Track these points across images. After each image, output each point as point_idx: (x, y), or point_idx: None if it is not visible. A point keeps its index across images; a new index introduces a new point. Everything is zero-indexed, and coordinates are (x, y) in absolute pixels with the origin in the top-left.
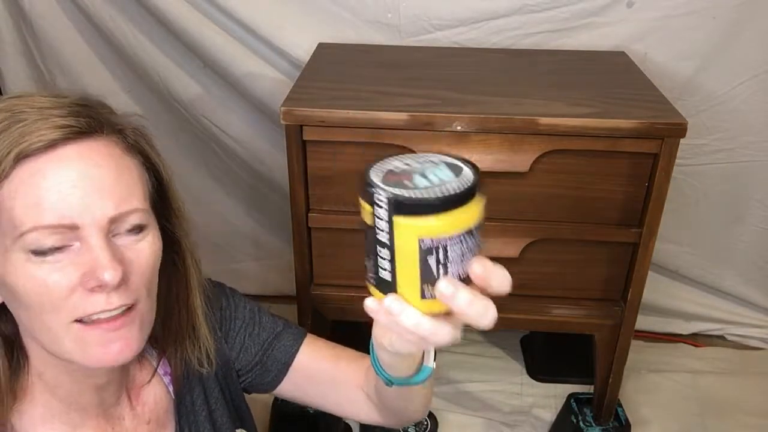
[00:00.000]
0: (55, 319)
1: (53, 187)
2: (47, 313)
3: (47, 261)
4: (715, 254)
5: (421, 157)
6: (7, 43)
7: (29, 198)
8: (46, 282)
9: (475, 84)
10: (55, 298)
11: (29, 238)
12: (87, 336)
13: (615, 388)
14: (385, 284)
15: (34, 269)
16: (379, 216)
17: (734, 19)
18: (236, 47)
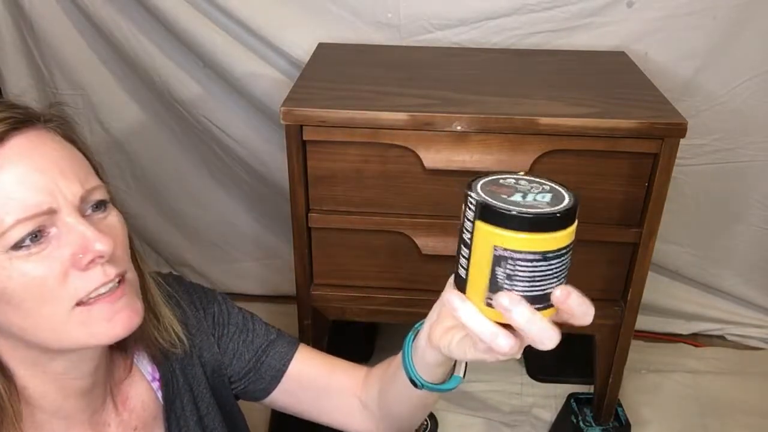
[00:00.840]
0: (55, 308)
1: (18, 178)
2: (46, 304)
3: (32, 253)
4: (715, 254)
5: (536, 180)
6: (7, 43)
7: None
8: (39, 273)
9: (475, 84)
10: (52, 287)
11: (13, 233)
12: (92, 315)
13: (615, 388)
14: (461, 281)
15: (22, 264)
16: (467, 217)
17: (734, 19)
18: (236, 47)
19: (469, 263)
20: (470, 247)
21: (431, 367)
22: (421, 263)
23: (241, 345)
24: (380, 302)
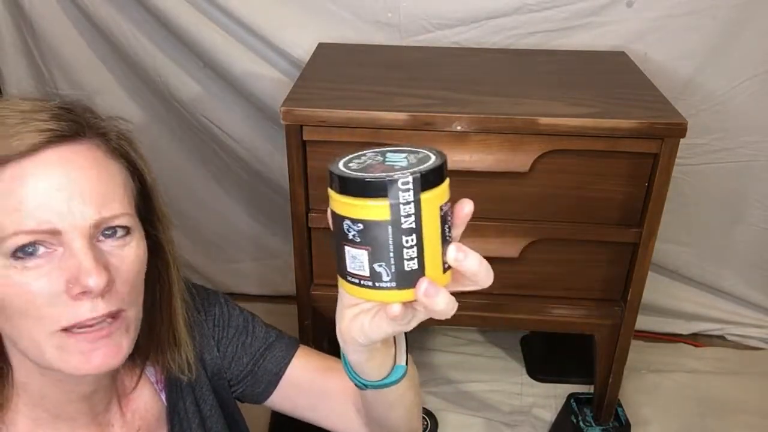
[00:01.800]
0: (38, 327)
1: (34, 191)
2: (31, 320)
3: (29, 267)
4: (715, 254)
5: (366, 153)
6: (7, 43)
7: (10, 203)
8: (30, 289)
9: (475, 84)
10: (38, 306)
11: (10, 243)
12: (69, 344)
13: (615, 388)
14: (410, 276)
15: (17, 276)
16: (404, 201)
17: (734, 19)
18: (236, 47)
19: (422, 246)
20: (418, 228)
21: (366, 364)
22: None
23: (240, 348)
24: None
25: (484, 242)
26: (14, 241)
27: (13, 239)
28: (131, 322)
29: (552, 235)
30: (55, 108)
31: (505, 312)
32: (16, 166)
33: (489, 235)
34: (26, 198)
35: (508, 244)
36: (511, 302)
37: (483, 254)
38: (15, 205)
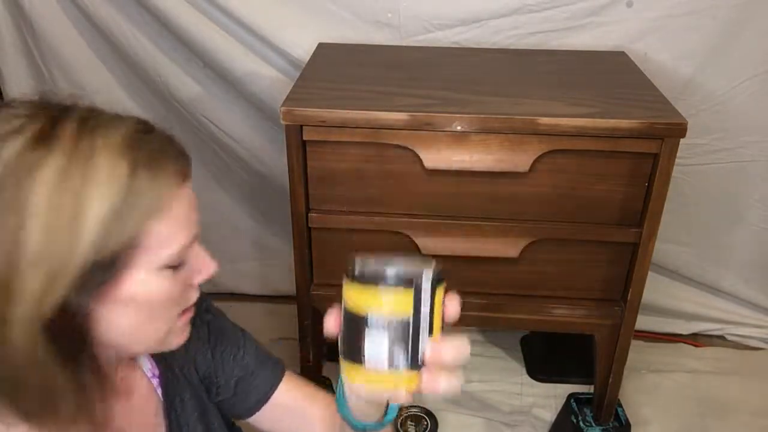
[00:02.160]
0: (170, 317)
1: (192, 207)
2: (167, 314)
3: (175, 271)
4: (715, 254)
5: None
6: (7, 43)
7: (181, 221)
8: (180, 286)
9: (475, 84)
10: (178, 299)
11: (175, 257)
12: (178, 325)
13: (615, 388)
14: (420, 360)
15: (164, 281)
16: (424, 291)
17: (734, 19)
18: (236, 47)
19: (432, 328)
20: (431, 317)
21: (368, 411)
22: None
23: (233, 361)
24: None
25: (484, 242)
26: (179, 256)
27: (178, 252)
28: None
29: (552, 235)
30: (170, 134)
31: (505, 312)
32: (180, 191)
33: (489, 235)
34: (188, 215)
35: (508, 244)
36: (511, 302)
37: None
38: (182, 223)
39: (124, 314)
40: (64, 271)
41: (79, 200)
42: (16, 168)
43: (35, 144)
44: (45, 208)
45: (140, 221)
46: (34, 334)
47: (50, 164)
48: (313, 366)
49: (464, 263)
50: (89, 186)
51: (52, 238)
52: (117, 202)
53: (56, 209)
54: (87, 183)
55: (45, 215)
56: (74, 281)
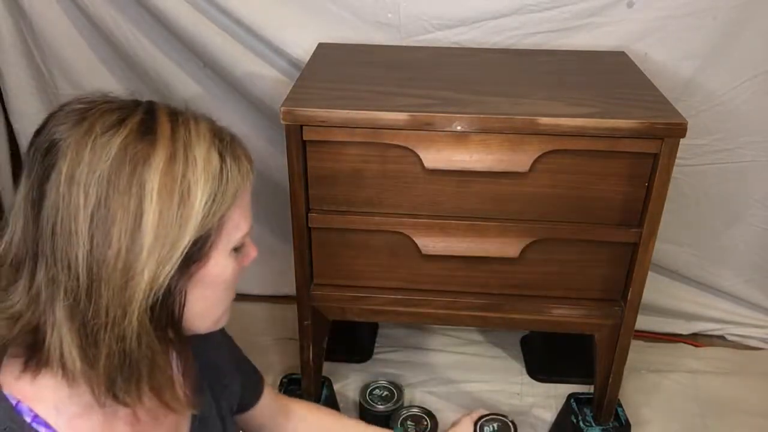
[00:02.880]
0: (229, 297)
1: (250, 198)
2: (231, 291)
3: (239, 253)
4: (715, 254)
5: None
6: (7, 43)
7: (246, 206)
8: (236, 269)
9: (475, 84)
10: (237, 279)
11: (240, 240)
12: (230, 304)
13: (615, 388)
14: None
15: (232, 262)
16: None
17: (734, 19)
18: (236, 47)
19: None
20: None
21: None
22: (421, 263)
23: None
24: (380, 302)
25: (484, 242)
26: (242, 239)
27: (243, 238)
28: None
29: (552, 235)
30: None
31: (505, 312)
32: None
33: (489, 235)
34: (249, 201)
35: (508, 244)
36: (511, 302)
37: (483, 254)
38: (247, 208)
39: (205, 294)
40: (173, 254)
41: (185, 187)
42: (128, 156)
43: (140, 135)
44: (158, 194)
45: (227, 206)
46: (144, 314)
47: (159, 153)
48: (313, 366)
49: (464, 263)
50: (192, 174)
51: (165, 222)
52: (214, 188)
53: (169, 195)
54: (189, 171)
55: (158, 201)
56: (179, 264)
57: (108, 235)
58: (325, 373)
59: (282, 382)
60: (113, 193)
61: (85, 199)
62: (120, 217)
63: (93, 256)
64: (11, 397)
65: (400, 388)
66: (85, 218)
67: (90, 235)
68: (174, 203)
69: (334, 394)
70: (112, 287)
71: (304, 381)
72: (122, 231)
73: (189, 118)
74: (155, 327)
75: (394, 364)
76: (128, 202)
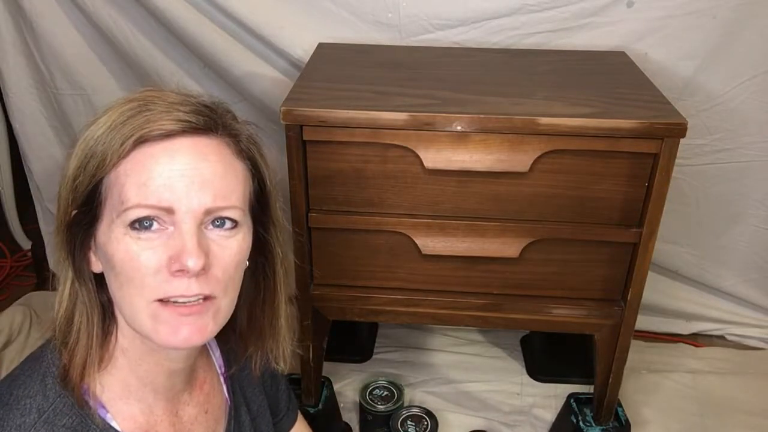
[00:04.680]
0: (138, 294)
1: (162, 172)
2: (134, 287)
3: (142, 239)
4: (715, 254)
5: None
6: (7, 43)
7: (140, 178)
8: (138, 257)
9: (475, 84)
10: (142, 275)
11: (131, 213)
12: (161, 315)
13: (615, 388)
14: None
15: (131, 243)
16: None
17: (734, 19)
18: (236, 47)
19: None
20: None
21: None
22: (421, 263)
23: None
24: (380, 302)
25: (484, 242)
26: (135, 212)
27: (135, 211)
28: (221, 310)
29: (552, 235)
30: (198, 103)
31: (505, 312)
32: (151, 147)
33: (489, 235)
34: (153, 176)
35: (508, 244)
36: (511, 302)
37: (483, 254)
38: (144, 180)
39: (108, 270)
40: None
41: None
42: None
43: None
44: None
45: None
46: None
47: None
48: (313, 366)
49: (464, 263)
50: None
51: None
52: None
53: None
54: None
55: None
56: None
57: None
58: (325, 373)
59: None
60: None
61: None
62: None
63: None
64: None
65: (400, 388)
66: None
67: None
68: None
69: (334, 394)
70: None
71: (304, 381)
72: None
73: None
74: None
75: (394, 364)
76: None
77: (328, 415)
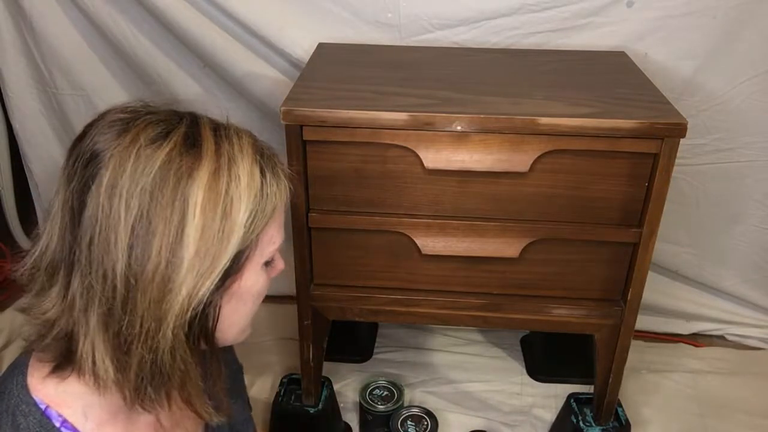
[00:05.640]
0: (258, 306)
1: (283, 218)
2: (258, 303)
3: (269, 266)
4: (715, 254)
5: None
6: (7, 43)
7: (280, 220)
8: (267, 282)
9: (475, 84)
10: (263, 294)
11: (273, 254)
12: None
13: (615, 388)
14: None
15: (266, 275)
16: None
17: (734, 19)
18: (236, 47)
19: None
20: None
21: None
22: (421, 263)
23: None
24: (380, 302)
25: (484, 242)
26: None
27: (276, 252)
28: None
29: (552, 235)
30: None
31: (505, 312)
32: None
33: (489, 235)
34: (280, 222)
35: (508, 244)
36: (511, 302)
37: (483, 254)
38: (281, 222)
39: (237, 307)
40: (213, 270)
41: (228, 202)
42: (172, 169)
43: (185, 148)
44: (201, 209)
45: (266, 222)
46: (179, 328)
47: (203, 167)
48: (313, 366)
49: (464, 263)
50: (235, 189)
51: (207, 237)
52: (255, 204)
53: (212, 210)
54: (232, 186)
55: (201, 216)
56: (218, 279)
57: (148, 248)
58: (325, 373)
59: (282, 382)
60: (155, 206)
61: (126, 211)
62: (161, 231)
63: (131, 269)
64: (40, 402)
65: (400, 388)
66: (126, 230)
67: (129, 247)
68: (217, 218)
69: (334, 394)
70: (148, 300)
71: (304, 381)
72: (163, 245)
73: (232, 133)
74: (189, 340)
75: (394, 364)
76: (171, 216)
77: (328, 415)
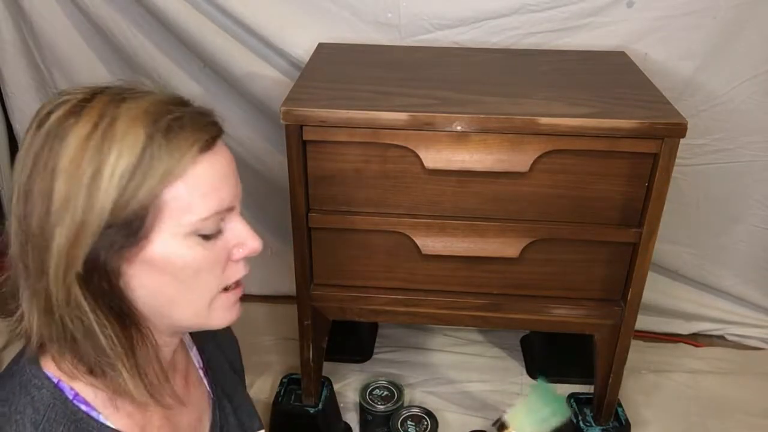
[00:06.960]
0: (207, 290)
1: (219, 177)
2: (203, 285)
3: (209, 240)
4: (715, 254)
5: None
6: (7, 43)
7: (204, 189)
8: (214, 257)
9: (475, 84)
10: (216, 272)
11: (206, 223)
12: (221, 301)
13: (615, 388)
14: None
15: (199, 248)
16: None
17: (734, 19)
18: (236, 47)
19: None
20: None
21: None
22: (421, 263)
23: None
24: (380, 302)
25: (484, 242)
26: (209, 222)
27: (211, 220)
28: None
29: (552, 235)
30: (204, 110)
31: (505, 312)
32: (201, 159)
33: (489, 235)
34: (213, 184)
35: (508, 244)
36: (511, 302)
37: (483, 254)
38: (206, 191)
39: (157, 279)
40: (86, 226)
41: (98, 160)
42: (52, 134)
43: (69, 113)
44: (68, 167)
45: (157, 184)
46: (68, 285)
47: (77, 131)
48: (313, 366)
49: (464, 263)
50: (108, 148)
51: (73, 192)
52: (132, 163)
53: (77, 167)
54: (106, 145)
55: (67, 172)
56: (97, 236)
57: (30, 203)
58: (325, 373)
59: (282, 382)
60: (35, 171)
61: (19, 176)
62: (38, 187)
63: (24, 223)
64: (52, 375)
65: (400, 388)
66: (18, 191)
67: (23, 203)
68: (84, 176)
69: (334, 394)
70: (38, 252)
71: (304, 381)
72: (39, 198)
73: (132, 98)
74: (96, 303)
75: (394, 364)
76: (44, 172)
77: (328, 415)
